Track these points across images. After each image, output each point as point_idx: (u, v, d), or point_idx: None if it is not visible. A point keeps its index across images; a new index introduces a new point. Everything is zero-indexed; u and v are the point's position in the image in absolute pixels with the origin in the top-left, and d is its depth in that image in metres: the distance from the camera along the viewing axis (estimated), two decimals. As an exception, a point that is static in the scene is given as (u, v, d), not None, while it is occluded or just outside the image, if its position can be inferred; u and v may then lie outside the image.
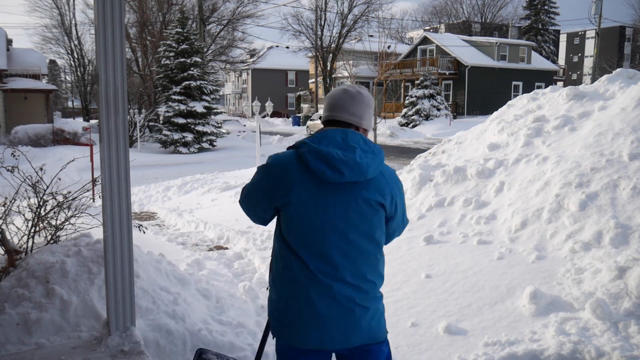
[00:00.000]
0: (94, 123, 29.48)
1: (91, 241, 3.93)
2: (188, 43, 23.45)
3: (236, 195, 9.32)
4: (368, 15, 42.43)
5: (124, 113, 2.90)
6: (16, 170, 4.39)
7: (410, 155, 13.59)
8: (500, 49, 37.50)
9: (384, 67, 16.00)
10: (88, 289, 3.47)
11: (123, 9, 2.85)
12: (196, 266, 5.63)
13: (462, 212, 5.53)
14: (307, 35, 44.23)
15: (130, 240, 2.98)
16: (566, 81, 52.22)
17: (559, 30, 60.62)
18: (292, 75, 58.97)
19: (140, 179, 14.19)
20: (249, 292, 5.06)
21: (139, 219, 8.87)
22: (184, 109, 22.85)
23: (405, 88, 37.42)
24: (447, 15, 63.17)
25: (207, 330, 3.62)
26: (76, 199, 4.70)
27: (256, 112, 12.96)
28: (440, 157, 7.20)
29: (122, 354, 2.92)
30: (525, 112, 7.06)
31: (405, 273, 4.66)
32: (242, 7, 35.80)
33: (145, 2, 32.50)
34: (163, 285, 3.93)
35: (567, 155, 5.54)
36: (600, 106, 6.17)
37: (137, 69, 33.45)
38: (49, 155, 16.49)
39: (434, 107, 31.60)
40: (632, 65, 57.82)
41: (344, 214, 1.88)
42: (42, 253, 3.76)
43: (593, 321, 3.40)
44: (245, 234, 6.89)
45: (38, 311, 3.25)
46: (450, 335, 3.60)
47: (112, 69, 2.84)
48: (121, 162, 2.90)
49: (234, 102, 64.97)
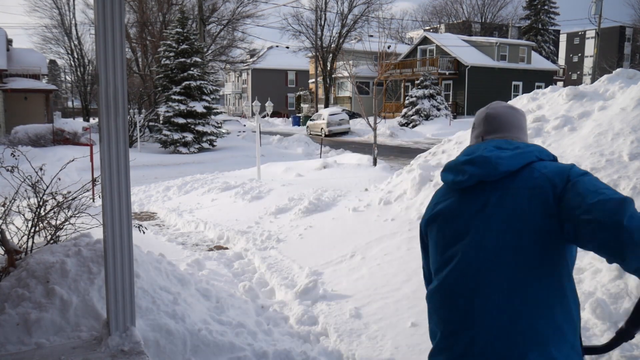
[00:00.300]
0: (94, 123, 29.51)
1: (91, 241, 3.93)
2: (188, 43, 23.45)
3: (236, 195, 9.31)
4: (368, 15, 42.46)
5: (124, 113, 2.90)
6: (16, 170, 4.39)
7: (410, 155, 13.60)
8: (500, 49, 37.51)
9: (384, 67, 15.99)
10: (88, 289, 3.47)
11: (123, 9, 2.85)
12: (196, 266, 5.63)
13: (462, 212, 5.54)
14: (307, 35, 44.25)
15: (130, 240, 2.98)
16: (566, 81, 52.23)
17: (559, 30, 60.63)
18: (292, 75, 58.98)
19: (140, 179, 14.19)
20: (249, 292, 5.07)
21: (139, 219, 8.86)
22: (184, 109, 22.85)
23: (405, 88, 37.43)
24: (447, 15, 63.20)
25: (207, 330, 3.62)
26: (76, 199, 4.70)
27: (256, 112, 12.96)
28: (440, 157, 7.20)
29: (122, 354, 2.92)
30: (525, 112, 7.06)
31: (405, 273, 4.66)
32: (242, 7, 35.83)
33: (145, 2, 32.50)
34: (163, 285, 3.93)
35: (567, 155, 5.54)
36: (600, 106, 6.17)
37: (137, 69, 33.45)
38: (49, 155, 16.48)
39: (434, 107, 31.60)
40: (632, 65, 57.82)
41: None
42: (42, 253, 3.76)
43: (593, 321, 3.40)
44: (245, 234, 6.89)
45: (38, 311, 3.25)
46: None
47: (112, 69, 2.84)
48: (121, 162, 2.90)
49: (234, 102, 64.98)
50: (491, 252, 1.57)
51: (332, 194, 8.27)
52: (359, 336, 3.99)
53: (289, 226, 7.06)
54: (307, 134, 32.83)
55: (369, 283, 4.68)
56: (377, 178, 10.01)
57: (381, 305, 4.22)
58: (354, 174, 10.93)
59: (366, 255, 5.30)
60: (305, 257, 5.73)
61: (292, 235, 6.65)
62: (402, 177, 7.07)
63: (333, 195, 8.18)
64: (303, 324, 4.38)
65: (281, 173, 12.14)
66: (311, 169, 12.07)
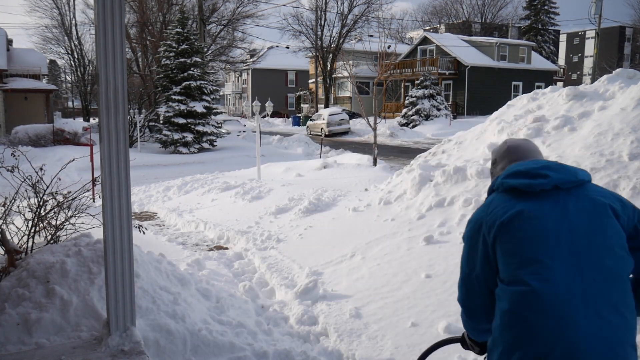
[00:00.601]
0: (94, 123, 29.50)
1: (91, 241, 3.93)
2: (188, 43, 23.45)
3: (236, 195, 9.32)
4: (368, 15, 42.44)
5: (124, 113, 2.90)
6: (16, 170, 4.39)
7: (410, 155, 13.60)
8: (500, 49, 37.50)
9: (384, 67, 15.98)
10: (88, 289, 3.47)
11: (123, 9, 2.85)
12: (196, 266, 5.63)
13: (462, 212, 5.53)
14: (307, 35, 44.24)
15: (130, 240, 2.98)
16: (566, 81, 52.21)
17: (559, 30, 60.61)
18: (292, 75, 58.98)
19: (140, 179, 14.19)
20: (249, 292, 5.07)
21: (139, 219, 8.87)
22: (184, 109, 22.84)
23: (405, 88, 37.43)
24: (447, 15, 63.20)
25: (207, 330, 3.62)
26: (76, 198, 4.70)
27: (256, 112, 12.96)
28: (440, 157, 7.21)
29: (122, 353, 2.92)
30: (525, 112, 7.06)
31: (405, 273, 4.66)
32: (242, 7, 35.82)
33: (145, 2, 32.49)
34: (163, 285, 3.93)
35: (567, 155, 5.54)
36: (600, 106, 6.18)
37: (137, 69, 33.43)
38: (49, 155, 16.48)
39: (434, 107, 31.59)
40: (632, 65, 57.82)
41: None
42: (42, 253, 3.76)
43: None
44: (245, 234, 6.89)
45: (38, 311, 3.25)
46: (450, 335, 3.60)
47: (112, 69, 2.84)
48: (121, 162, 2.90)
49: (234, 102, 64.98)
50: (595, 260, 1.64)
51: (332, 194, 8.27)
52: (359, 336, 3.99)
53: (289, 226, 7.06)
54: (307, 134, 32.82)
55: (369, 283, 4.68)
56: (377, 178, 10.02)
57: (381, 305, 4.22)
58: (354, 174, 10.93)
59: (366, 255, 5.30)
60: (305, 257, 5.73)
61: (292, 235, 6.65)
62: (402, 177, 7.07)
63: (333, 195, 8.18)
64: (303, 324, 4.38)
65: (281, 173, 12.14)
66: (311, 169, 12.07)
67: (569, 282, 1.60)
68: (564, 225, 1.66)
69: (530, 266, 1.65)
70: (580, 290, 1.59)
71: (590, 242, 1.64)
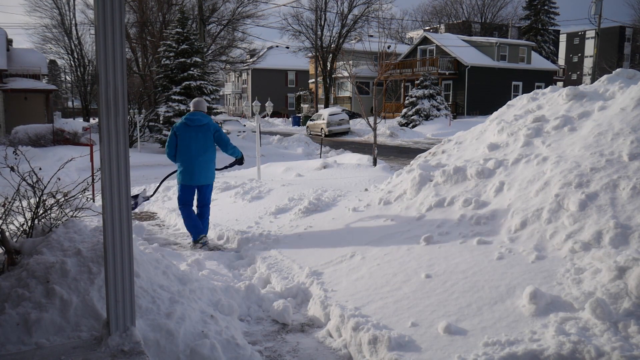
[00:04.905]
0: (94, 123, 29.50)
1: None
2: (188, 43, 23.45)
3: (236, 195, 9.32)
4: (368, 15, 42.49)
5: (124, 113, 2.90)
6: (16, 170, 4.39)
7: (410, 155, 13.60)
8: (500, 49, 37.52)
9: (384, 67, 15.97)
10: (88, 289, 3.47)
11: (123, 9, 2.85)
12: (196, 266, 5.63)
13: (462, 212, 5.53)
14: (307, 36, 44.27)
15: (130, 240, 2.98)
16: (566, 81, 52.26)
17: (558, 30, 60.62)
18: (292, 75, 59.00)
19: (140, 179, 14.19)
20: (249, 292, 5.06)
21: (139, 219, 8.87)
22: (184, 109, 22.84)
23: (405, 88, 37.45)
24: (447, 15, 63.23)
25: (207, 330, 3.62)
26: (76, 198, 4.70)
27: (256, 112, 12.96)
28: (440, 157, 7.20)
29: (122, 354, 2.92)
30: (525, 112, 7.06)
31: (405, 273, 4.66)
32: (242, 7, 35.83)
33: (145, 2, 32.48)
34: (163, 284, 3.93)
35: (566, 155, 5.54)
36: (600, 106, 6.17)
37: (137, 69, 33.43)
38: (49, 155, 16.50)
39: (434, 107, 31.61)
40: (632, 65, 57.87)
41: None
42: (43, 253, 3.75)
43: (593, 321, 3.40)
44: (245, 234, 6.89)
45: (38, 311, 3.25)
46: (450, 335, 3.60)
47: (112, 69, 2.84)
48: (121, 162, 2.90)
49: (234, 102, 64.98)
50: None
51: (332, 194, 8.27)
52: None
53: (289, 226, 7.06)
54: (307, 134, 32.83)
55: (368, 283, 4.68)
56: (377, 178, 10.01)
57: (381, 305, 4.22)
58: (354, 174, 10.93)
59: (366, 255, 5.30)
60: (305, 257, 5.73)
61: (292, 235, 6.65)
62: (402, 177, 7.07)
63: (333, 195, 8.18)
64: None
65: (281, 173, 12.14)
66: (311, 169, 12.06)
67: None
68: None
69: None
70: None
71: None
